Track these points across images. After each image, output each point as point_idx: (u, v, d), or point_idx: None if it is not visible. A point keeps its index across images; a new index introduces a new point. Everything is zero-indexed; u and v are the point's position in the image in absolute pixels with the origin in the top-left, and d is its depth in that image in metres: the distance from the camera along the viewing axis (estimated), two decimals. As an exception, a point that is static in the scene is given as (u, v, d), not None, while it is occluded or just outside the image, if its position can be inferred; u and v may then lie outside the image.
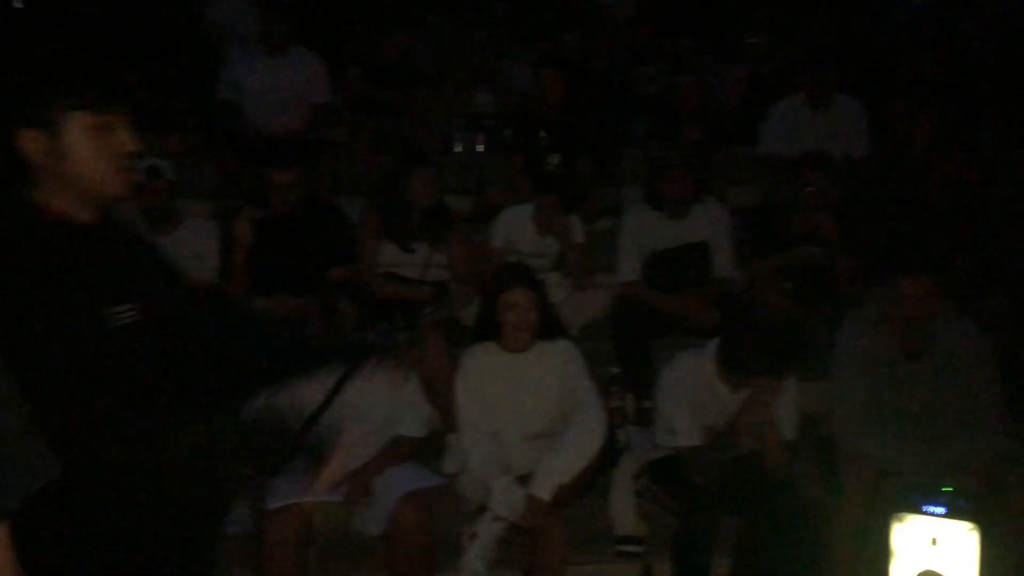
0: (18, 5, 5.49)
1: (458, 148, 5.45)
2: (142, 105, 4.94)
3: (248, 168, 4.43)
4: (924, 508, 2.89)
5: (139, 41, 5.23)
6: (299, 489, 3.10)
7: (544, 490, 3.14)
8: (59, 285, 1.57)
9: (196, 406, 1.78)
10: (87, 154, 1.60)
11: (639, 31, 6.17)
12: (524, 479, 3.21)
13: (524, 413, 3.35)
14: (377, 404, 3.31)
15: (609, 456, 3.46)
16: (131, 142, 1.65)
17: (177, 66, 5.26)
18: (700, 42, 6.06)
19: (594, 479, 3.40)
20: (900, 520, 2.91)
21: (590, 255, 4.43)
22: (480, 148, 5.44)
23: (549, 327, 3.37)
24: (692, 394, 3.29)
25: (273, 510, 3.02)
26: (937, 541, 2.86)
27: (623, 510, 3.45)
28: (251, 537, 3.04)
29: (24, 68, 1.65)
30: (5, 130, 1.61)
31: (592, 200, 4.80)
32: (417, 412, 3.39)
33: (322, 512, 3.14)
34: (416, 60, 5.65)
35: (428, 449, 3.55)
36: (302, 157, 4.19)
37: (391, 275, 4.16)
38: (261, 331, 1.98)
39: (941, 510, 2.87)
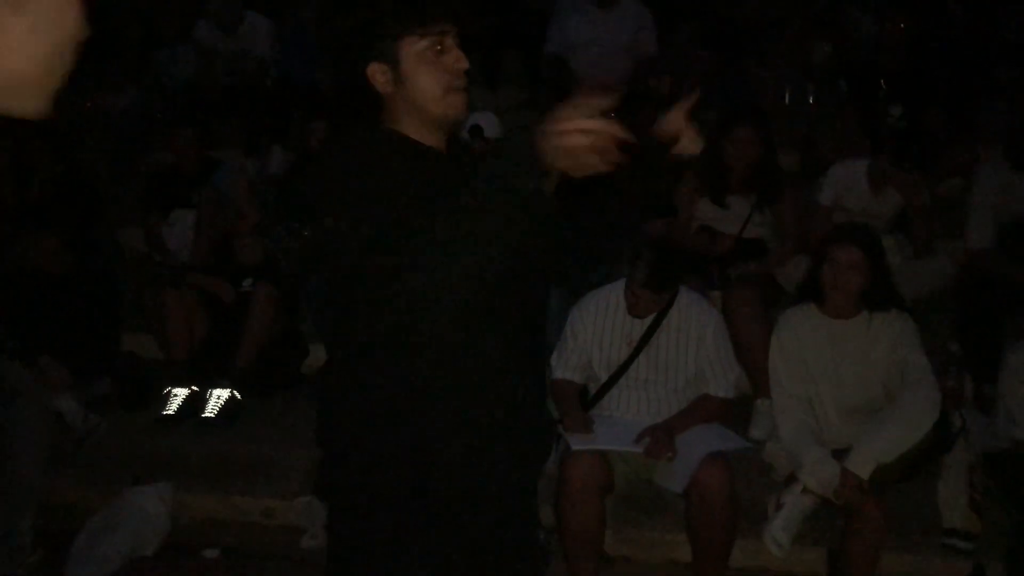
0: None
1: (788, 100, 5.14)
2: (471, 51, 5.18)
3: None
4: None
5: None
6: (603, 436, 3.12)
7: (862, 467, 2.90)
8: (413, 203, 1.62)
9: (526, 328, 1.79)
10: (424, 77, 1.67)
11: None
12: (839, 454, 2.99)
13: (844, 384, 3.11)
14: (684, 361, 3.23)
15: (941, 440, 3.13)
16: (462, 59, 1.69)
17: (507, 21, 5.44)
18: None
19: (922, 463, 3.09)
20: None
21: (934, 218, 4.00)
22: (812, 100, 5.10)
23: (882, 296, 3.08)
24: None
25: (576, 453, 3.05)
26: None
27: (953, 501, 3.11)
28: (554, 478, 3.10)
29: (357, 6, 1.74)
30: (355, 68, 1.71)
31: (943, 158, 4.32)
32: (726, 372, 3.26)
33: (624, 462, 3.13)
34: (751, 11, 5.40)
35: (736, 413, 3.42)
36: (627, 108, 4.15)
37: (706, 228, 4.03)
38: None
39: None
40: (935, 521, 3.13)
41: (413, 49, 1.66)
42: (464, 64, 1.69)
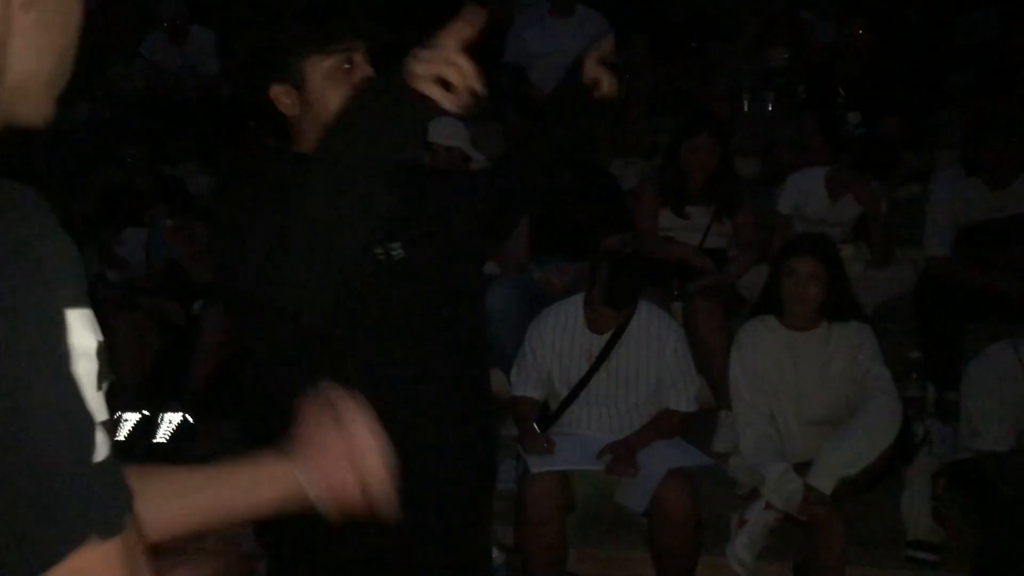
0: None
1: (746, 108, 5.13)
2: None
3: None
4: None
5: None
6: (563, 455, 3.07)
7: (825, 482, 2.87)
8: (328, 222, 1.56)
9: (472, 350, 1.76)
10: (333, 98, 1.57)
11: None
12: (801, 467, 2.96)
13: (805, 397, 3.08)
14: (645, 375, 3.19)
15: (904, 451, 3.11)
16: (372, 76, 1.60)
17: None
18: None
19: (885, 474, 3.07)
20: None
21: (892, 226, 3.99)
22: (770, 107, 5.09)
23: (841, 307, 3.06)
24: (1004, 392, 2.91)
25: (536, 473, 2.99)
26: None
27: (917, 512, 3.09)
28: (513, 497, 3.04)
29: (262, 25, 1.66)
30: (259, 88, 1.62)
31: (900, 164, 4.32)
32: (687, 385, 3.23)
33: (585, 480, 3.08)
34: (706, 14, 5.39)
35: (699, 426, 3.38)
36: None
37: (668, 239, 3.99)
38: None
39: None
40: (899, 533, 3.11)
41: (319, 68, 1.57)
42: None
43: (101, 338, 0.67)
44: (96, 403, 0.66)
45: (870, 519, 3.13)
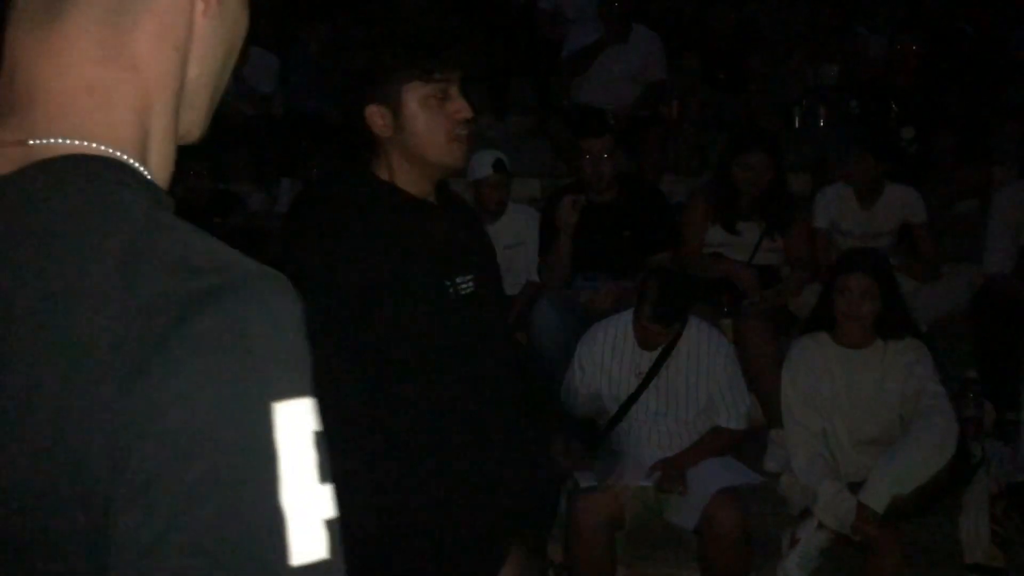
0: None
1: (797, 124, 5.09)
2: (479, 81, 5.25)
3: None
4: None
5: (475, 22, 5.47)
6: (612, 471, 3.06)
7: (878, 500, 2.82)
8: (407, 254, 1.64)
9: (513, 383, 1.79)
10: (425, 123, 1.65)
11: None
12: (854, 487, 2.91)
13: (858, 415, 3.03)
14: (695, 392, 3.17)
15: (962, 472, 3.04)
16: (466, 109, 1.67)
17: (514, 49, 5.43)
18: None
19: (942, 495, 3.00)
20: None
21: (937, 238, 3.93)
22: (822, 122, 5.04)
23: (896, 323, 3.01)
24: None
25: (585, 490, 2.99)
26: None
27: (976, 535, 3.02)
28: (563, 516, 3.04)
29: (363, 47, 1.73)
30: (354, 108, 1.69)
31: (955, 179, 4.25)
32: (738, 403, 3.20)
33: (634, 497, 3.07)
34: (759, 29, 5.37)
35: (750, 444, 3.35)
36: (623, 131, 4.13)
37: (717, 255, 3.96)
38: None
39: None
40: (957, 556, 3.04)
41: (416, 94, 1.64)
42: (467, 114, 1.67)
43: (319, 428, 0.60)
44: (315, 498, 0.58)
45: (927, 542, 3.06)
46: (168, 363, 0.56)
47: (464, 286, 1.68)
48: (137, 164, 0.66)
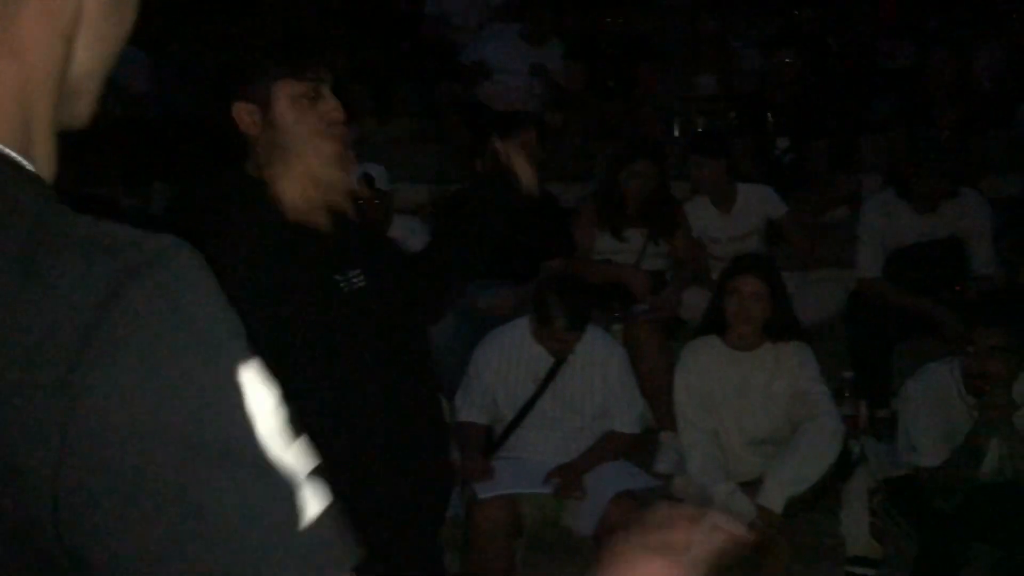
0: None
1: (677, 132, 5.22)
2: (360, 83, 5.17)
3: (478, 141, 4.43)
4: None
5: (353, 23, 5.39)
6: (510, 480, 3.04)
7: (776, 501, 2.91)
8: (291, 248, 1.60)
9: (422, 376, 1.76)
10: (295, 122, 1.60)
11: (883, 3, 5.68)
12: (745, 486, 2.99)
13: (749, 416, 3.12)
14: (590, 397, 3.20)
15: (841, 468, 3.17)
16: (338, 109, 1.63)
17: (397, 52, 5.37)
18: (952, 15, 5.50)
19: (825, 492, 3.12)
20: None
21: (805, 237, 4.13)
22: (700, 131, 5.19)
23: (784, 326, 3.11)
24: (941, 410, 2.98)
25: (483, 499, 2.97)
26: None
27: (856, 529, 3.15)
28: (461, 524, 3.00)
29: (232, 44, 1.68)
30: (221, 105, 1.64)
31: (827, 188, 4.45)
32: (631, 407, 3.25)
33: (532, 505, 3.06)
34: (641, 40, 5.48)
35: (641, 448, 3.39)
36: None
37: (607, 262, 4.01)
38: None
39: None
40: (840, 549, 3.16)
41: (286, 92, 1.60)
42: (339, 115, 1.63)
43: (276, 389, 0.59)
44: (295, 457, 0.57)
45: (811, 536, 3.17)
46: (106, 346, 0.52)
47: (355, 280, 1.64)
48: (20, 157, 0.61)
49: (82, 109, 0.68)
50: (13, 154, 0.60)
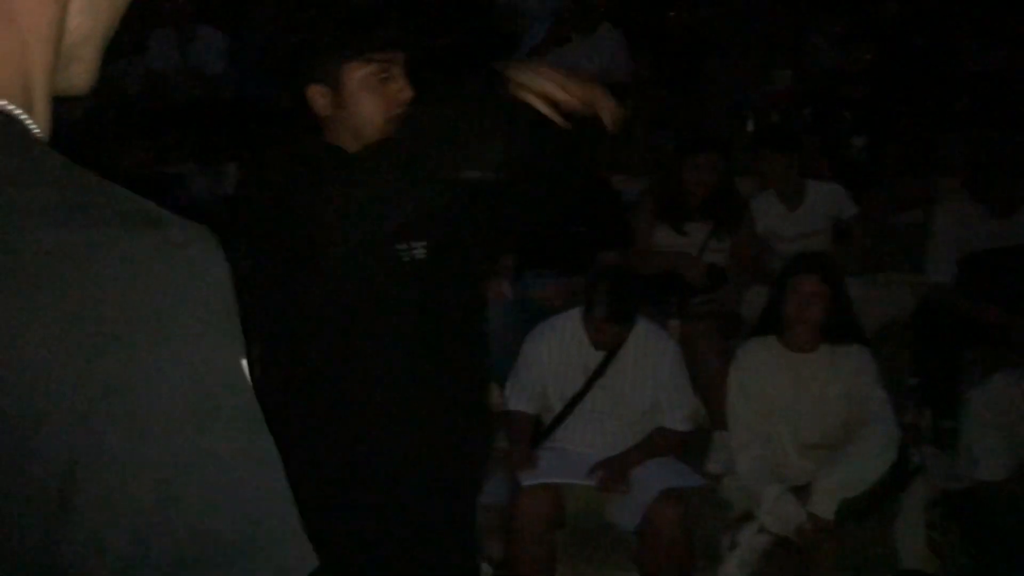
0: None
1: (751, 127, 5.12)
2: (430, 67, 5.14)
3: None
4: None
5: (424, 7, 5.41)
6: (555, 470, 3.03)
7: (826, 507, 2.84)
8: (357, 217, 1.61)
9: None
10: (365, 103, 1.65)
11: (974, 2, 5.47)
12: (797, 491, 2.93)
13: (803, 420, 3.05)
14: (640, 392, 3.16)
15: (899, 477, 3.07)
16: (406, 90, 1.66)
17: (467, 38, 5.38)
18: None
19: (879, 501, 3.03)
20: None
21: (867, 240, 4.01)
22: (770, 126, 5.08)
23: (843, 328, 3.03)
24: (1006, 422, 2.88)
25: (527, 487, 2.96)
26: None
27: (911, 541, 3.05)
28: (504, 512, 3.01)
29: (304, 26, 1.73)
30: (295, 87, 1.71)
31: (901, 189, 4.31)
32: (683, 404, 3.20)
33: (575, 496, 3.05)
34: (715, 32, 5.39)
35: (693, 446, 3.34)
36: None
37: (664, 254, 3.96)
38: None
39: None
40: (893, 561, 3.07)
41: (357, 74, 1.64)
42: (408, 95, 1.66)
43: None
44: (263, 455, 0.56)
45: (864, 546, 3.09)
46: (135, 333, 0.52)
47: (417, 252, 1.67)
48: (29, 120, 0.60)
49: (80, 76, 0.68)
50: (25, 117, 0.60)
